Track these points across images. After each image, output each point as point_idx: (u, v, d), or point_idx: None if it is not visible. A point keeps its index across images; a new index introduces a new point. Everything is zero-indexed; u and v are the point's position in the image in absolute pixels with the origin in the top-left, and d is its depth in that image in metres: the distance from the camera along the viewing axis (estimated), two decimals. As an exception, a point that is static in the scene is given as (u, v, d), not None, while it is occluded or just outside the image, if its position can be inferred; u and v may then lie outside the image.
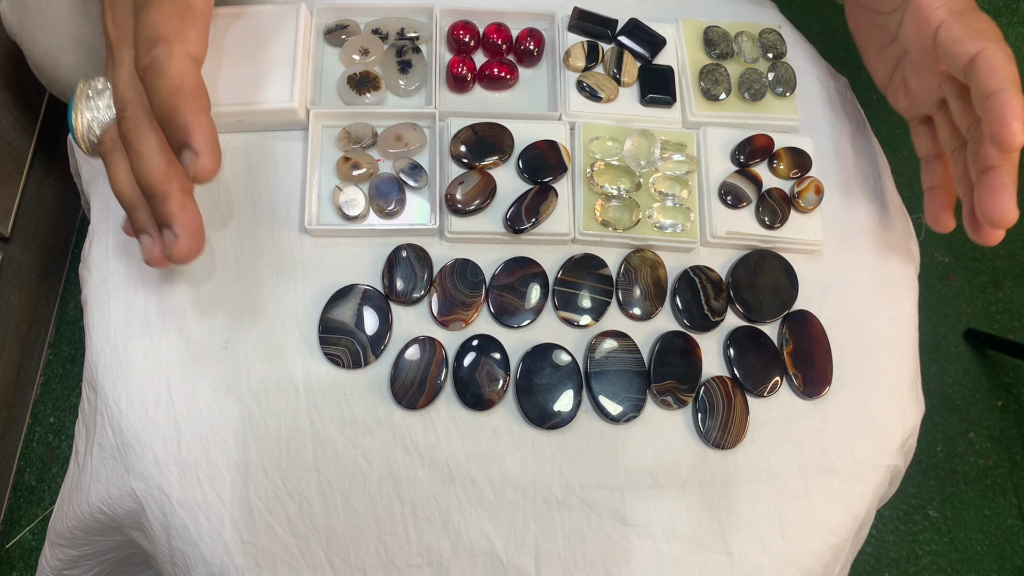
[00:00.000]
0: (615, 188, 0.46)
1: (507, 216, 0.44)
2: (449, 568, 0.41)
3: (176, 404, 0.41)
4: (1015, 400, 1.14)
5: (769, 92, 0.50)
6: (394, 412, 0.42)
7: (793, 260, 0.48)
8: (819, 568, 0.43)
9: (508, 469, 0.42)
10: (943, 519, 1.07)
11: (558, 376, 0.43)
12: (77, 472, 0.45)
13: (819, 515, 0.43)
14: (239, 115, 0.45)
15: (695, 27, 0.51)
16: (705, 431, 0.43)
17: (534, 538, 0.41)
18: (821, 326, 0.46)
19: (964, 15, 0.40)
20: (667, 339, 0.45)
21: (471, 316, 0.44)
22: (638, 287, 0.46)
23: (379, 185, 0.45)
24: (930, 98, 0.46)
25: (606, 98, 0.48)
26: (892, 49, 0.48)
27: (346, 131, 0.46)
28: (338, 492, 0.41)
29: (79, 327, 1.03)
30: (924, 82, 0.45)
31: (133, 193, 0.37)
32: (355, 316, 0.43)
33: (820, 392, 0.45)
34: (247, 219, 0.45)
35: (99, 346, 0.43)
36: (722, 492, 0.43)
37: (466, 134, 0.46)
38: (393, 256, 0.44)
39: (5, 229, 0.88)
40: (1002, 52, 0.38)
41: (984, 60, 0.38)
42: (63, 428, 0.98)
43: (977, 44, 0.39)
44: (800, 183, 0.48)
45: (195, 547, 0.40)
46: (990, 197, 0.39)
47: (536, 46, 0.50)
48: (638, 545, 0.42)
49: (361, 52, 0.48)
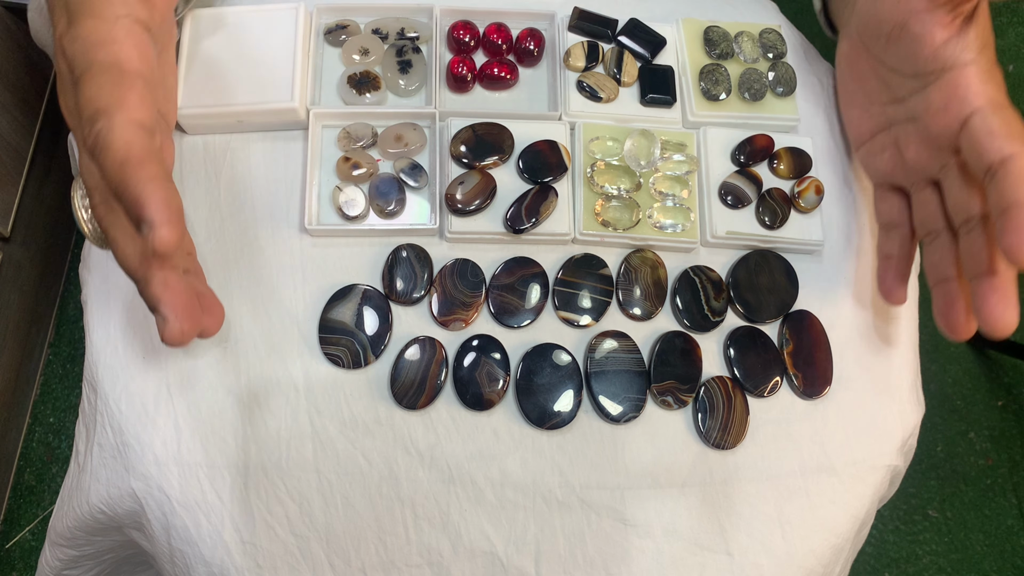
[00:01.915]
0: (615, 188, 0.46)
1: (507, 216, 0.44)
2: (449, 568, 0.41)
3: (176, 404, 0.41)
4: (1015, 400, 1.14)
5: (769, 92, 0.50)
6: (394, 412, 0.42)
7: (793, 260, 0.48)
8: (819, 568, 0.43)
9: (508, 469, 0.42)
10: (943, 519, 1.07)
11: (558, 376, 0.43)
12: (77, 472, 0.45)
13: (819, 515, 0.43)
14: (240, 115, 0.45)
15: (695, 27, 0.51)
16: (705, 431, 0.43)
17: (534, 538, 0.41)
18: (821, 326, 0.46)
19: (1003, 110, 0.38)
20: (667, 339, 0.45)
21: (471, 316, 0.44)
22: (638, 287, 0.46)
23: (379, 185, 0.45)
24: (922, 174, 0.44)
25: (606, 98, 0.48)
26: (891, 109, 0.46)
27: (346, 131, 0.46)
28: (338, 492, 0.41)
29: (79, 327, 1.03)
30: (925, 158, 0.43)
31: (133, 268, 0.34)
32: (355, 316, 0.43)
33: (820, 392, 0.45)
34: (247, 219, 0.45)
35: (99, 346, 0.43)
36: (722, 492, 0.43)
37: (466, 134, 0.46)
38: (393, 256, 0.44)
39: (5, 229, 0.88)
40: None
41: (1017, 165, 0.36)
42: (63, 428, 0.98)
43: (1013, 146, 0.36)
44: (800, 183, 0.48)
45: (195, 547, 0.40)
46: (995, 304, 0.37)
47: (536, 46, 0.50)
48: (638, 545, 0.42)
49: (361, 52, 0.48)
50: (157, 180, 0.30)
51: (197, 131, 0.46)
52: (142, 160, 0.30)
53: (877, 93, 0.47)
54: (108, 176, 0.31)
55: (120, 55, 0.33)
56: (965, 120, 0.39)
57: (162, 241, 0.30)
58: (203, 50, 0.45)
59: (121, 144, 0.30)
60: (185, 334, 0.33)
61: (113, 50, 0.33)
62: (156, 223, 0.29)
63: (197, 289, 0.36)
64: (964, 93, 0.39)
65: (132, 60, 0.33)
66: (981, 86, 0.39)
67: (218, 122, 0.46)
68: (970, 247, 0.39)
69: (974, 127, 0.38)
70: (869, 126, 0.48)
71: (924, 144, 0.43)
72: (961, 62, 0.40)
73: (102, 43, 0.33)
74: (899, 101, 0.45)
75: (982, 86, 0.39)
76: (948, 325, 0.41)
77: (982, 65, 0.40)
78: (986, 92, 0.39)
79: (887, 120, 0.46)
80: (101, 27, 0.33)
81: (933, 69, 0.41)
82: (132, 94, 0.32)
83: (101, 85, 0.32)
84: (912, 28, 0.42)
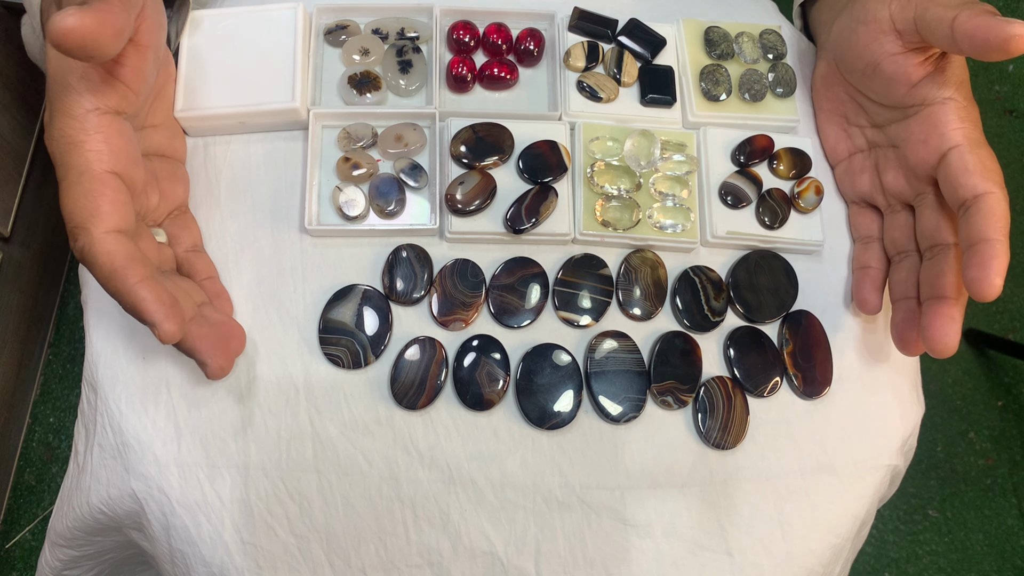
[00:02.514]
0: (615, 188, 0.46)
1: (507, 216, 0.44)
2: (449, 568, 0.41)
3: (176, 404, 0.41)
4: (1015, 400, 1.14)
5: (769, 93, 0.50)
6: (394, 412, 0.42)
7: (793, 260, 0.48)
8: (819, 568, 0.43)
9: (508, 469, 0.42)
10: (943, 519, 1.07)
11: (558, 376, 0.43)
12: (77, 472, 0.45)
13: (819, 515, 0.43)
14: (241, 116, 0.45)
15: (695, 27, 0.51)
16: (705, 431, 0.43)
17: (534, 538, 0.41)
18: (821, 326, 0.46)
19: (979, 148, 0.40)
20: (667, 339, 0.45)
21: (471, 316, 0.44)
22: (638, 287, 0.46)
23: (379, 185, 0.45)
24: (898, 198, 0.46)
25: (606, 98, 0.48)
26: (870, 133, 0.47)
27: (346, 131, 0.46)
28: (338, 492, 0.41)
29: (79, 327, 1.03)
30: (903, 184, 0.45)
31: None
32: (355, 316, 0.43)
33: (820, 392, 0.45)
34: (247, 219, 0.45)
35: (99, 346, 0.43)
36: (722, 492, 0.43)
37: (466, 134, 0.46)
38: (393, 256, 0.44)
39: (5, 229, 0.88)
40: (1004, 200, 0.38)
41: (988, 204, 0.38)
42: (63, 428, 0.98)
43: (986, 185, 0.38)
44: (800, 183, 0.48)
45: (195, 547, 0.40)
46: (940, 326, 0.39)
47: (536, 46, 0.50)
48: (638, 545, 0.42)
49: (361, 52, 0.48)
50: (144, 282, 0.34)
51: (198, 133, 0.46)
52: (126, 268, 0.33)
53: (855, 116, 0.48)
54: (104, 288, 0.34)
55: (90, 156, 0.34)
56: (943, 155, 0.41)
57: (166, 335, 0.34)
58: (203, 51, 0.45)
59: (104, 259, 0.33)
60: (224, 369, 0.37)
61: (83, 151, 0.34)
62: (156, 323, 0.33)
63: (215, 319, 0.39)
64: (943, 129, 0.41)
65: (102, 158, 0.35)
66: (959, 123, 0.41)
67: (219, 124, 0.46)
68: (931, 270, 0.41)
69: (951, 163, 0.40)
70: (847, 146, 0.49)
71: (903, 172, 0.45)
72: (939, 99, 0.42)
73: (73, 143, 0.34)
74: (878, 127, 0.47)
75: (960, 123, 0.41)
76: (902, 339, 0.43)
77: (960, 101, 0.41)
78: (963, 129, 0.41)
79: (866, 142, 0.48)
80: (72, 125, 0.34)
81: (911, 104, 0.43)
82: (104, 201, 0.34)
83: (76, 198, 0.34)
84: (885, 69, 0.43)
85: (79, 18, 0.30)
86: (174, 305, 0.34)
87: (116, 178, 0.35)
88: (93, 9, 0.30)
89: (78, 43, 0.30)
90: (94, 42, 0.30)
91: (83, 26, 0.30)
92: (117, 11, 0.31)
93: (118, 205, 0.35)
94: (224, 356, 0.37)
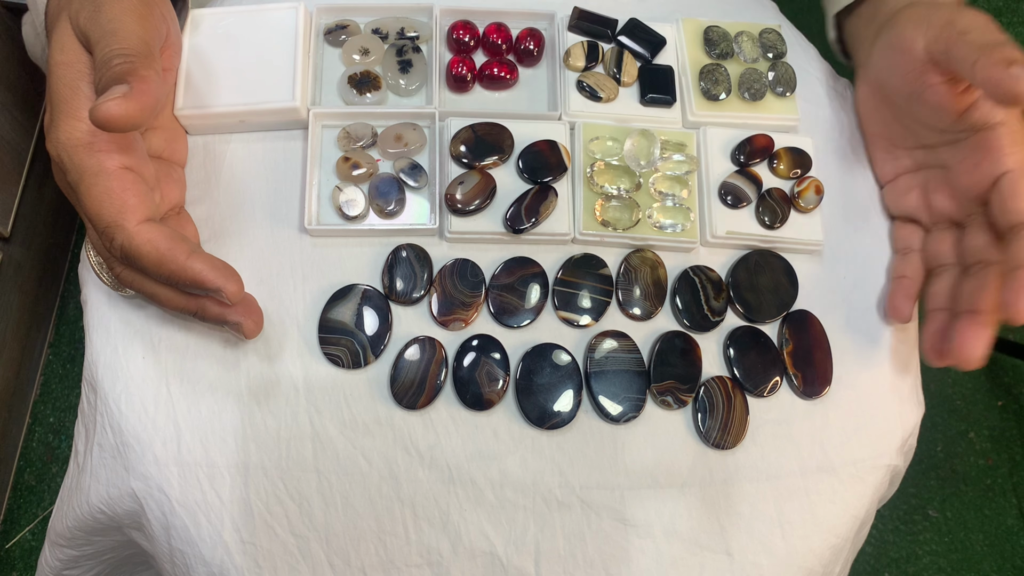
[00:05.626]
0: (615, 188, 0.46)
1: (507, 216, 0.44)
2: (449, 568, 0.41)
3: (176, 404, 0.41)
4: (1015, 400, 1.14)
5: (769, 92, 0.50)
6: (394, 412, 0.42)
7: (793, 260, 0.48)
8: (819, 568, 0.43)
9: (508, 469, 0.42)
10: (943, 519, 1.07)
11: (558, 376, 0.43)
12: (77, 472, 0.45)
13: (819, 515, 0.43)
14: (241, 115, 0.45)
15: (695, 27, 0.51)
16: (705, 431, 0.43)
17: (534, 538, 0.41)
18: (821, 326, 0.46)
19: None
20: (667, 339, 0.45)
21: (471, 316, 0.44)
22: (638, 287, 0.46)
23: (379, 185, 0.45)
24: (946, 218, 0.46)
25: (606, 98, 0.48)
26: (919, 154, 0.47)
27: (346, 131, 0.46)
28: (338, 492, 0.41)
29: (79, 327, 1.03)
30: (952, 206, 0.45)
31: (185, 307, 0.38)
32: (355, 316, 0.43)
33: (820, 392, 0.45)
34: (247, 219, 0.45)
35: (99, 346, 0.43)
36: (722, 492, 0.43)
37: (466, 134, 0.46)
38: (393, 256, 0.44)
39: (5, 229, 0.88)
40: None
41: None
42: (63, 428, 0.98)
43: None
44: (800, 183, 0.48)
45: (195, 547, 0.40)
46: (971, 337, 0.39)
47: (536, 46, 0.50)
48: (638, 545, 0.42)
49: (361, 52, 0.48)
50: (193, 256, 0.35)
51: (198, 131, 0.46)
52: (172, 249, 0.35)
53: (902, 139, 0.48)
54: (153, 275, 0.35)
55: (101, 156, 0.35)
56: (996, 179, 0.41)
57: (233, 295, 0.35)
58: (203, 50, 0.45)
59: (148, 248, 0.34)
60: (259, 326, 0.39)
61: (94, 152, 0.35)
62: (220, 287, 0.35)
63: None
64: (996, 155, 0.41)
65: (114, 157, 0.35)
66: (1012, 147, 0.41)
67: (219, 122, 0.46)
68: (972, 284, 0.42)
69: (1004, 188, 0.40)
70: (894, 167, 0.49)
71: (953, 194, 0.45)
72: (990, 123, 0.41)
73: (83, 145, 0.35)
74: (928, 148, 0.46)
75: (1013, 147, 0.41)
76: (933, 349, 0.43)
77: (1011, 125, 0.41)
78: (1017, 154, 0.41)
79: (914, 163, 0.48)
80: (80, 128, 0.35)
81: (961, 129, 0.43)
82: (129, 195, 0.35)
83: (99, 198, 0.35)
84: (930, 99, 0.43)
85: (124, 108, 0.32)
86: (227, 267, 0.36)
87: (132, 172, 0.36)
88: (136, 93, 0.33)
89: (122, 127, 0.32)
90: (137, 123, 0.33)
91: (127, 114, 0.32)
92: (155, 87, 0.34)
93: (142, 196, 0.35)
94: (254, 318, 0.39)
